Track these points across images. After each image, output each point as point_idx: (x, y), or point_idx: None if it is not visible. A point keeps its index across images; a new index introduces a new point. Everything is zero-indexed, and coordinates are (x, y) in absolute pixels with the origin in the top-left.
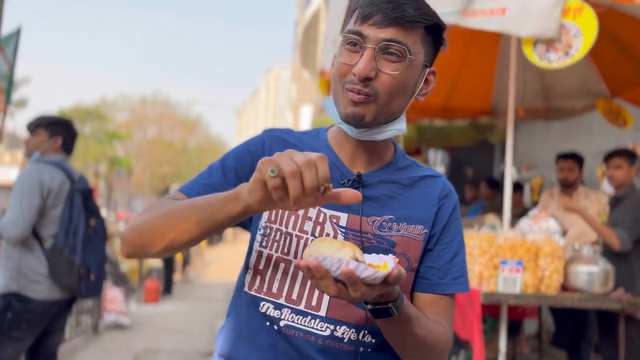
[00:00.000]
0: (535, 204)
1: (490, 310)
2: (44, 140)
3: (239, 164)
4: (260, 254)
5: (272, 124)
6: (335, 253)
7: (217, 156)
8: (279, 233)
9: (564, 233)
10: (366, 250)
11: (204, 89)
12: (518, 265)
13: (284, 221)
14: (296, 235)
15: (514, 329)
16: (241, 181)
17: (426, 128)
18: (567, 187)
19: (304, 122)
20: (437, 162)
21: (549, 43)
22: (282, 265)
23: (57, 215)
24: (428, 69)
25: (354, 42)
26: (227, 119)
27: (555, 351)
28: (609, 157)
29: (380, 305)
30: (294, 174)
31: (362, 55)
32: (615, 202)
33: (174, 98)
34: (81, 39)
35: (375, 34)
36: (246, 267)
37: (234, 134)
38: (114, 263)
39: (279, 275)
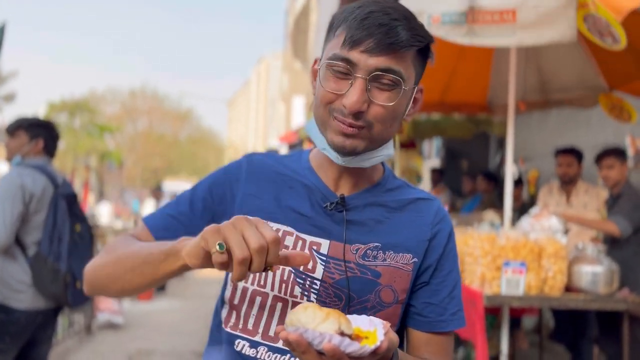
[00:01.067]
0: (531, 197)
1: (490, 307)
2: (24, 142)
3: (209, 194)
4: (235, 287)
5: (264, 116)
6: (319, 325)
7: (209, 149)
8: None
9: (566, 231)
10: (350, 281)
11: (194, 81)
12: (521, 267)
13: None
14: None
15: (513, 324)
16: (209, 212)
17: (422, 122)
18: (567, 182)
19: (296, 114)
20: (432, 154)
21: (598, 27)
22: (258, 299)
23: (40, 221)
24: (417, 88)
25: (342, 70)
26: (218, 111)
27: (554, 346)
28: (599, 158)
29: None
30: (243, 261)
31: (351, 84)
32: (612, 202)
33: (163, 90)
34: (68, 33)
35: (366, 62)
36: (222, 301)
37: (226, 125)
38: None
39: (255, 310)
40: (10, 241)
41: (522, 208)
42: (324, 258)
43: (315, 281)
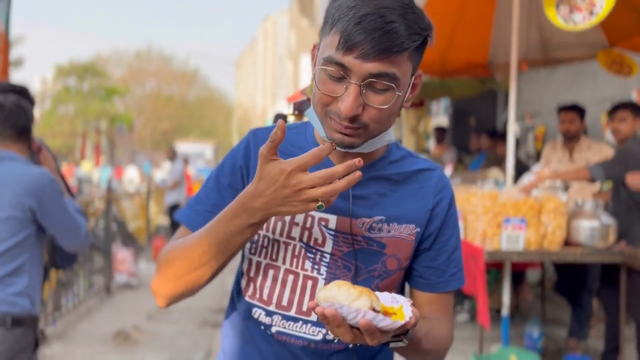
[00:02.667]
0: (538, 153)
1: (493, 262)
2: None
3: (232, 178)
4: (250, 260)
5: (272, 75)
6: (353, 302)
7: (217, 109)
8: (266, 240)
9: (567, 188)
10: (357, 252)
11: (200, 41)
12: (521, 223)
13: (271, 228)
14: (284, 242)
15: (517, 278)
16: (235, 195)
17: (428, 83)
18: (569, 139)
19: (304, 73)
20: (440, 112)
21: (572, 3)
22: (271, 271)
23: None
24: (415, 74)
25: (336, 75)
26: (225, 71)
27: (557, 297)
28: (613, 110)
29: (392, 339)
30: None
31: (346, 88)
32: None
33: (169, 51)
34: None
35: (360, 67)
36: (241, 273)
37: (233, 86)
38: (121, 223)
39: (268, 282)
40: None
41: (520, 166)
42: (333, 232)
43: (325, 255)
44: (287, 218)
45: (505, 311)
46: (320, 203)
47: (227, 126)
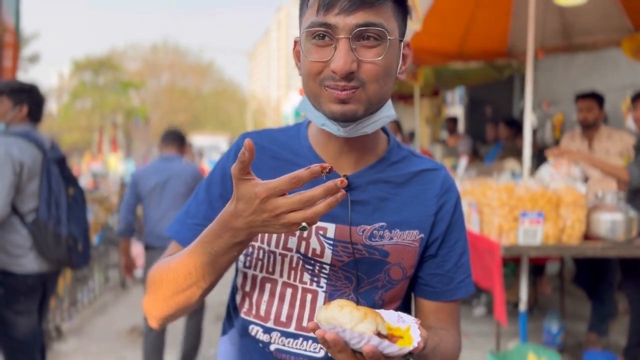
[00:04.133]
0: (557, 142)
1: (511, 257)
2: (8, 109)
3: (223, 188)
4: (244, 274)
5: (286, 66)
6: (356, 325)
7: (232, 101)
8: (261, 252)
9: (586, 179)
10: (358, 261)
11: (214, 33)
12: (539, 217)
13: (265, 239)
14: (280, 254)
15: (537, 271)
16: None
17: (443, 71)
18: (588, 127)
19: None
20: (455, 102)
21: None
22: (267, 285)
23: (34, 189)
24: (403, 44)
25: (322, 35)
26: (239, 63)
27: (576, 290)
28: (636, 97)
29: None
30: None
31: (335, 48)
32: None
33: (184, 44)
34: None
35: (345, 21)
36: (235, 287)
37: (247, 78)
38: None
39: (265, 297)
40: (5, 212)
41: (538, 155)
42: (332, 242)
43: (324, 266)
44: None
45: (523, 307)
46: (303, 224)
47: (242, 118)
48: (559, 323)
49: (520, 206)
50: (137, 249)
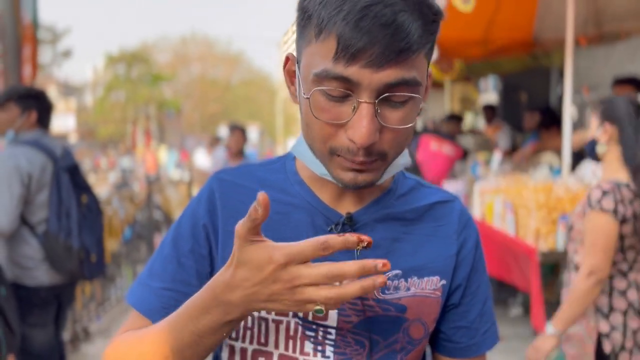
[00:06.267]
0: None
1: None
2: (16, 115)
3: (195, 242)
4: (231, 348)
5: None
6: None
7: (262, 90)
8: (250, 319)
9: None
10: (370, 321)
11: (242, 22)
12: None
13: None
14: (273, 320)
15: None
16: (199, 263)
17: (476, 64)
18: None
19: None
20: (488, 88)
21: None
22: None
23: (44, 199)
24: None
25: (339, 95)
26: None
27: None
28: None
29: None
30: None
31: (355, 109)
32: None
33: (213, 35)
34: None
35: (371, 78)
36: None
37: (276, 67)
38: (165, 212)
39: None
40: (14, 226)
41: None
42: None
43: (329, 330)
44: None
45: None
46: (319, 307)
47: (272, 107)
48: None
49: (559, 208)
50: None
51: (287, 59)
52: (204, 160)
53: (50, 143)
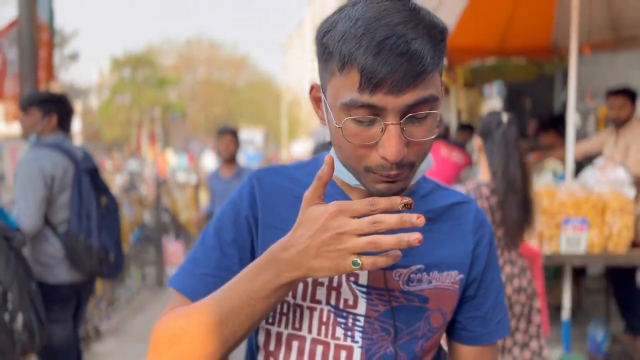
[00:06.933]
0: None
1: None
2: (37, 119)
3: (238, 233)
4: (267, 332)
5: None
6: None
7: (267, 94)
8: (285, 305)
9: (638, 184)
10: (395, 310)
11: (248, 26)
12: (582, 224)
13: (291, 291)
14: (308, 307)
15: (580, 271)
16: (242, 252)
17: (479, 68)
18: (620, 125)
19: None
20: (492, 94)
21: None
22: (295, 343)
23: (65, 200)
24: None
25: (367, 120)
26: (273, 55)
27: None
28: None
29: None
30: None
31: (383, 130)
32: None
33: (218, 38)
34: None
35: (395, 102)
36: (256, 347)
37: (281, 70)
38: (173, 215)
39: (293, 356)
40: (38, 227)
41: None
42: (365, 290)
43: (358, 317)
44: (310, 279)
45: (565, 315)
46: (356, 260)
47: (276, 110)
48: (604, 330)
49: (563, 212)
50: (173, 247)
51: (312, 87)
52: (212, 164)
53: (72, 146)
